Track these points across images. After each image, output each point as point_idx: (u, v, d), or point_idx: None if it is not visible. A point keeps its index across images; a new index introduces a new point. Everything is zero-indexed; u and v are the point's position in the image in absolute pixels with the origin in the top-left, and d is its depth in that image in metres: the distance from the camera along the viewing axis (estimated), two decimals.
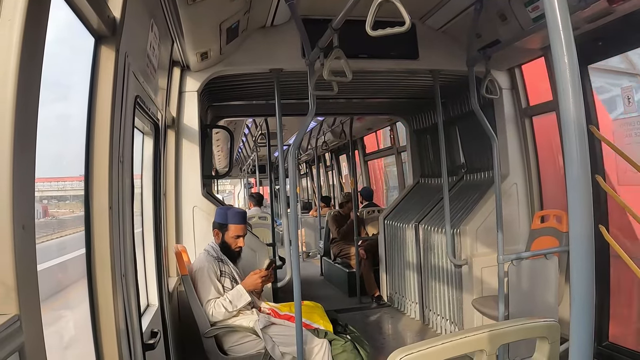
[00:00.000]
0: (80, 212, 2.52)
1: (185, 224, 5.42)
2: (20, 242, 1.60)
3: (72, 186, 5.34)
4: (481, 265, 5.60)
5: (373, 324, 7.33)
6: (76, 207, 5.09)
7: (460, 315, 5.93)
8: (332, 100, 7.40)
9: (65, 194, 4.31)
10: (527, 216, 5.91)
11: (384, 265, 8.13)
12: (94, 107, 2.44)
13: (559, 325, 1.82)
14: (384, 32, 2.58)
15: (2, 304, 1.57)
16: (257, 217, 10.09)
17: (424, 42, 5.62)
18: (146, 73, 3.42)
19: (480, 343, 1.68)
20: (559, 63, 1.29)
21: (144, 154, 4.26)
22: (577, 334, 1.32)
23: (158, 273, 4.10)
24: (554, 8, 1.28)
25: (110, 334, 2.49)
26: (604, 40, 4.45)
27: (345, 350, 4.19)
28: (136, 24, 2.97)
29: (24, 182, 1.65)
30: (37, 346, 1.74)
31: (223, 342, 4.38)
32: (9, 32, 1.58)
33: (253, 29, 5.32)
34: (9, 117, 1.56)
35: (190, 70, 5.36)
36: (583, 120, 1.29)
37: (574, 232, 1.30)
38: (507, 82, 5.91)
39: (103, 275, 2.45)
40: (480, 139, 6.24)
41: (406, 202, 8.01)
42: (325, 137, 12.50)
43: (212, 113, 7.27)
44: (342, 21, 3.24)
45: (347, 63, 3.47)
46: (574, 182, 1.29)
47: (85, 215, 2.46)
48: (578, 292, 1.31)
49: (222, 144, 13.06)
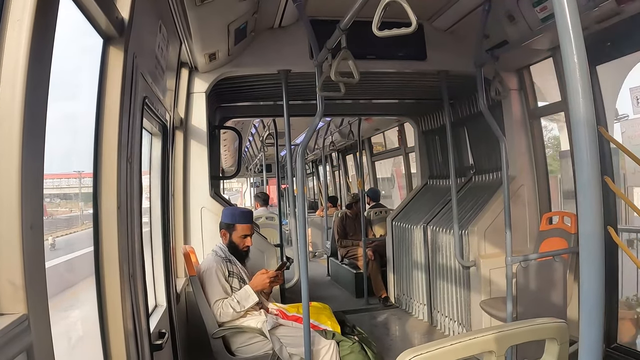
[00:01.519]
0: (75, 212, 2.54)
1: (194, 224, 5.43)
2: (29, 242, 1.61)
3: (68, 183, 5.38)
4: (489, 266, 5.57)
5: (380, 325, 7.31)
6: (69, 205, 5.10)
7: (468, 316, 5.91)
8: (340, 101, 7.38)
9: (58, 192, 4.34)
10: (535, 217, 5.88)
11: (391, 266, 8.12)
12: (102, 107, 2.45)
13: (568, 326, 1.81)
14: (390, 33, 2.58)
15: (10, 304, 1.58)
16: (264, 218, 10.07)
17: (431, 43, 5.61)
18: (154, 74, 3.43)
19: (490, 344, 1.67)
20: (569, 63, 1.28)
21: (152, 154, 4.27)
22: (587, 336, 1.31)
23: (166, 274, 4.11)
24: (564, 8, 1.27)
25: (118, 334, 2.49)
26: (612, 41, 4.43)
27: (353, 352, 4.18)
28: (144, 25, 2.99)
29: (32, 181, 1.66)
30: (45, 346, 1.74)
31: (231, 342, 4.38)
32: (18, 33, 1.59)
33: (261, 30, 5.33)
34: (18, 117, 1.57)
35: (198, 72, 5.38)
36: (593, 120, 1.28)
37: (584, 233, 1.29)
38: (515, 83, 5.88)
39: (111, 275, 2.46)
40: (489, 140, 6.23)
41: (414, 204, 8.00)
42: (333, 137, 12.49)
43: (220, 114, 7.28)
44: (350, 22, 3.23)
45: (355, 64, 3.46)
46: (584, 184, 1.28)
47: (93, 215, 2.47)
48: (587, 293, 1.30)
49: (229, 143, 13.08)
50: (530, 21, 4.53)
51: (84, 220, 5.27)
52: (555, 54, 4.99)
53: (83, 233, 5.24)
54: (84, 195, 4.84)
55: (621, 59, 4.67)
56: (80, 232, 5.10)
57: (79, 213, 5.22)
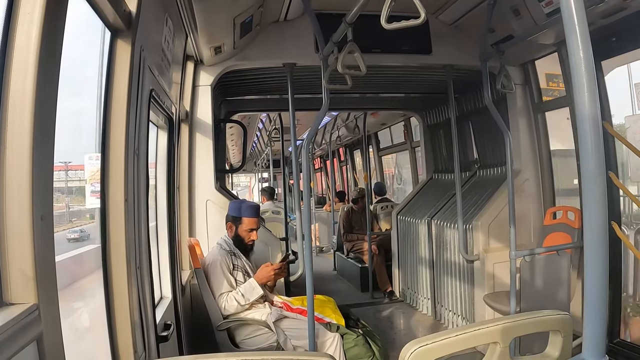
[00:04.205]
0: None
1: (199, 217, 5.45)
2: (39, 233, 1.63)
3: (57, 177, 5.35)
4: (493, 260, 5.58)
5: (385, 319, 7.33)
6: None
7: (472, 310, 5.92)
8: (346, 95, 7.38)
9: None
10: (539, 212, 5.87)
11: (396, 260, 8.13)
12: (110, 100, 2.46)
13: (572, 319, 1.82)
14: (399, 25, 2.58)
15: (21, 294, 1.60)
16: (271, 212, 10.07)
17: (437, 37, 5.60)
18: (161, 67, 3.44)
19: (494, 335, 1.68)
20: (574, 58, 1.29)
21: (158, 147, 4.29)
22: (591, 329, 1.32)
23: (171, 266, 4.14)
24: (570, 3, 1.28)
25: (125, 325, 2.52)
26: (617, 36, 4.42)
27: (357, 345, 4.19)
28: (151, 18, 3.00)
29: (43, 173, 1.68)
30: (55, 336, 1.76)
31: (235, 335, 4.40)
32: (29, 26, 1.61)
33: (266, 24, 5.33)
34: (29, 109, 1.59)
35: (204, 65, 5.39)
36: (598, 115, 1.29)
37: (588, 228, 1.31)
38: (520, 77, 5.87)
39: (118, 266, 2.48)
40: (493, 134, 6.23)
41: (419, 198, 8.00)
42: (340, 131, 12.50)
43: (226, 107, 7.28)
44: (356, 15, 3.24)
45: (361, 57, 3.47)
46: (589, 178, 1.29)
47: (101, 207, 2.49)
48: (592, 287, 1.32)
49: (236, 138, 13.09)
50: (535, 15, 4.52)
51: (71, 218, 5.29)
52: (561, 48, 4.97)
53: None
54: (70, 189, 4.80)
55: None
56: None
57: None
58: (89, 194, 2.85)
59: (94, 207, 2.61)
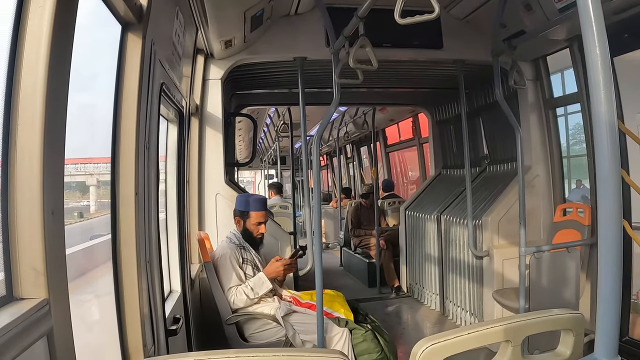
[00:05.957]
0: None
1: (208, 211, 5.46)
2: (50, 228, 1.63)
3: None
4: (502, 257, 5.56)
5: (392, 314, 7.34)
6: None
7: (480, 307, 5.92)
8: (355, 90, 7.36)
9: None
10: (549, 208, 5.84)
11: (404, 256, 8.14)
12: (120, 93, 2.46)
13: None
14: (412, 20, 2.56)
15: (32, 288, 1.60)
16: (278, 207, 10.09)
17: (448, 31, 5.57)
18: (171, 60, 3.44)
19: (507, 333, 1.67)
20: (591, 54, 1.27)
21: (168, 141, 4.29)
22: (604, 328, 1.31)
23: (181, 259, 4.14)
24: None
25: (135, 318, 2.51)
26: (630, 32, 4.39)
27: (365, 340, 4.19)
28: (162, 11, 2.99)
29: (53, 168, 1.68)
30: (65, 331, 1.77)
31: (244, 329, 4.41)
32: (40, 18, 1.60)
33: (277, 17, 5.31)
34: (40, 104, 1.59)
35: (214, 58, 5.39)
36: (614, 112, 1.27)
37: (603, 225, 1.29)
38: (532, 73, 5.83)
39: (128, 260, 2.48)
40: (504, 130, 6.20)
41: (428, 193, 7.99)
42: (347, 127, 12.48)
43: (236, 101, 7.28)
44: (368, 10, 3.23)
45: (372, 51, 3.45)
46: (604, 176, 1.28)
47: (111, 201, 2.49)
48: (605, 286, 1.31)
49: (244, 133, 13.08)
50: (547, 11, 4.49)
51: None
52: (572, 44, 4.94)
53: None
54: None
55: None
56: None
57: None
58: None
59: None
